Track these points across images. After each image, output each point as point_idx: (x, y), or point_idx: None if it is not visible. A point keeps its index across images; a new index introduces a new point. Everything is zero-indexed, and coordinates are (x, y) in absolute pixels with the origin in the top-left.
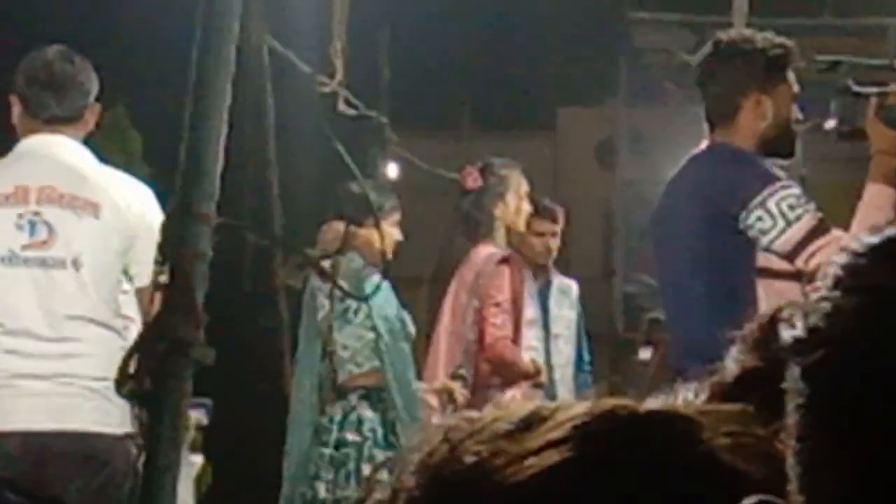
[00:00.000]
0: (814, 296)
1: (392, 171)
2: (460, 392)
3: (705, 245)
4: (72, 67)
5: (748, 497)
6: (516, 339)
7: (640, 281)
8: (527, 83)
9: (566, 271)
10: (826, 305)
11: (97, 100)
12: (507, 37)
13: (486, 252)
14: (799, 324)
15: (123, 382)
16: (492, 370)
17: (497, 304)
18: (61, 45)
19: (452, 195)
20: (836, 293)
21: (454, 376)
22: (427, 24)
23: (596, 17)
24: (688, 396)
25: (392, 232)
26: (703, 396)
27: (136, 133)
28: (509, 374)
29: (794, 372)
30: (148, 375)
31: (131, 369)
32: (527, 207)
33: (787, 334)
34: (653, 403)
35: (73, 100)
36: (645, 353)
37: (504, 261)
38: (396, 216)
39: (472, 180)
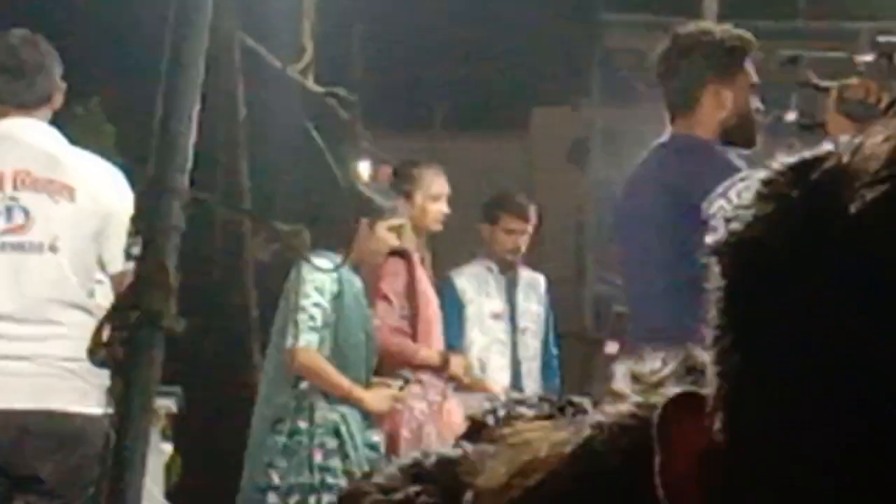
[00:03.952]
0: (736, 204)
1: (364, 169)
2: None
3: (669, 234)
4: (37, 52)
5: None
6: (416, 332)
7: (611, 281)
8: (500, 83)
9: (537, 270)
10: (744, 213)
11: (63, 79)
12: (481, 37)
13: None
14: (721, 229)
15: (96, 351)
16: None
17: (384, 297)
18: (24, 30)
19: None
20: (753, 202)
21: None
22: (400, 24)
23: (568, 19)
24: (655, 365)
25: (387, 236)
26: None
27: (109, 126)
28: (393, 364)
29: (714, 271)
30: (120, 344)
31: (104, 338)
32: (439, 208)
33: (709, 239)
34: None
35: (41, 84)
36: (612, 348)
37: (394, 254)
38: (394, 221)
39: (383, 178)
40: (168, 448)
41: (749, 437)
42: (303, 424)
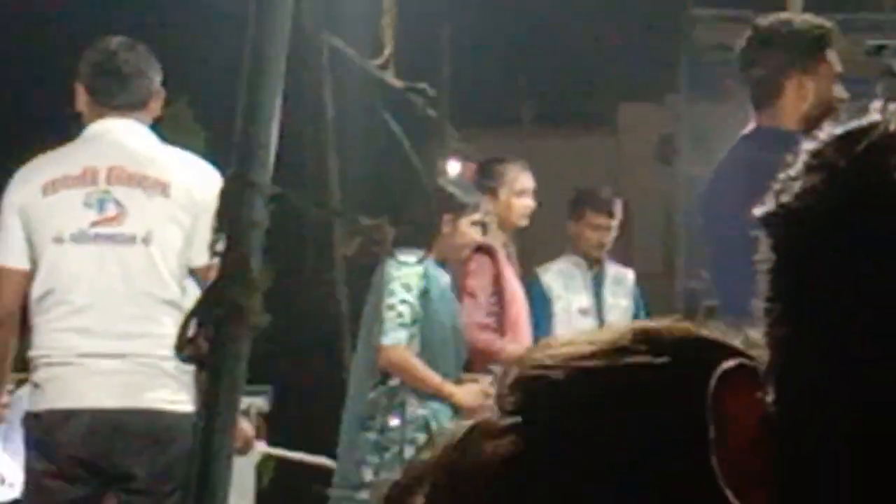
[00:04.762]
0: (785, 177)
1: (452, 167)
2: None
3: (754, 226)
4: (135, 56)
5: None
6: (504, 328)
7: (701, 277)
8: (588, 79)
9: (626, 266)
10: (793, 185)
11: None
12: (569, 34)
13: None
14: (770, 201)
15: (182, 347)
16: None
17: (470, 294)
18: (124, 37)
19: None
20: (802, 174)
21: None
22: (488, 21)
23: (657, 14)
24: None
25: (470, 231)
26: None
27: (197, 127)
28: (482, 361)
29: (765, 243)
30: (206, 340)
31: (190, 334)
32: (524, 203)
33: (758, 210)
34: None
35: (138, 87)
36: None
37: (480, 250)
38: (476, 216)
39: (469, 175)
40: (260, 447)
41: (797, 404)
42: (394, 421)
